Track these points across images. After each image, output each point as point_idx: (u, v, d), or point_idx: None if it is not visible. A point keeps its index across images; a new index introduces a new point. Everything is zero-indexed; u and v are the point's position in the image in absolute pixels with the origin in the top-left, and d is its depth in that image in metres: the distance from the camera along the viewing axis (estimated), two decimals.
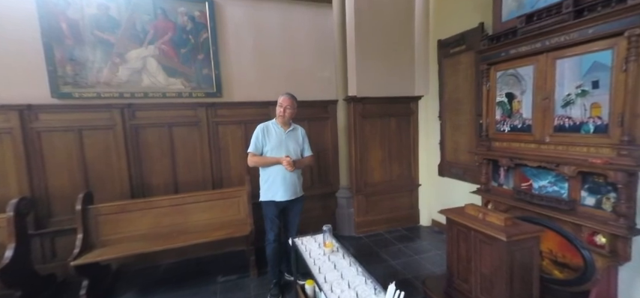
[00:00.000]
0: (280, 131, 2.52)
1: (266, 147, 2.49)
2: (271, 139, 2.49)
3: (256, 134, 2.50)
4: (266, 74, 3.45)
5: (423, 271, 2.90)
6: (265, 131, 2.51)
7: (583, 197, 1.98)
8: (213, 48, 3.18)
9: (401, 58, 3.70)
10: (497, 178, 2.61)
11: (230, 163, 3.38)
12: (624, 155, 1.69)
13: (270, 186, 2.49)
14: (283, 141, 2.50)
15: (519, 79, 2.27)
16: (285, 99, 2.49)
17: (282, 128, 2.53)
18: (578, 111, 1.91)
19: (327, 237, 2.05)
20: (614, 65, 1.70)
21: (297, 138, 2.61)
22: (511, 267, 1.91)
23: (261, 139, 2.49)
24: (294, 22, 3.52)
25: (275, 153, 2.46)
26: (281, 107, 2.48)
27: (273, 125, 2.55)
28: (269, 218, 2.55)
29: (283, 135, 2.52)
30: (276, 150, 2.46)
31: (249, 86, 3.40)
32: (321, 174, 3.77)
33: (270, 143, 2.48)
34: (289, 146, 2.51)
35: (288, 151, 2.48)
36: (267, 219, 2.57)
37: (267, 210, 2.55)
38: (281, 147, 2.47)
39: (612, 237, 1.79)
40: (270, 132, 2.51)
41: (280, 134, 2.52)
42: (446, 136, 3.58)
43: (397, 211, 3.96)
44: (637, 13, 1.56)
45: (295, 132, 2.61)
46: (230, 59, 3.31)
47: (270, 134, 2.51)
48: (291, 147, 2.52)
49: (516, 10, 2.23)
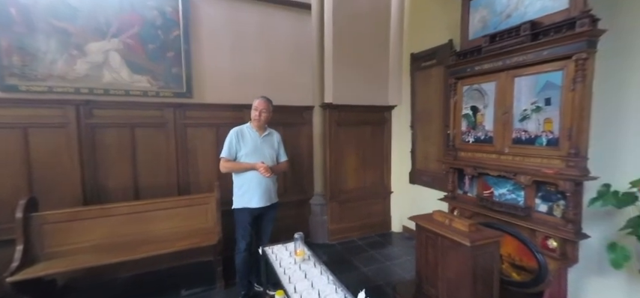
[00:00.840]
0: (255, 135, 2.45)
1: (240, 152, 2.40)
2: (246, 144, 2.41)
3: (230, 138, 2.40)
4: (242, 76, 3.37)
5: (394, 277, 2.95)
6: (239, 135, 2.42)
7: (537, 204, 2.15)
8: (185, 46, 3.03)
9: (376, 68, 3.81)
10: (462, 186, 2.75)
11: (199, 168, 3.22)
12: (572, 166, 1.86)
13: (245, 192, 2.40)
14: (258, 146, 2.43)
15: (483, 94, 2.43)
16: (261, 103, 2.43)
17: (257, 132, 2.47)
18: (533, 126, 2.08)
19: (298, 245, 2.02)
20: (564, 85, 1.88)
21: (273, 143, 2.55)
22: (474, 271, 2.01)
23: (235, 144, 2.40)
24: (273, 26, 3.49)
25: (250, 158, 2.38)
26: (256, 111, 2.41)
27: (248, 129, 2.47)
28: (242, 226, 2.45)
29: (258, 140, 2.45)
30: (252, 155, 2.39)
31: (224, 88, 3.28)
32: (296, 180, 3.72)
33: (244, 148, 2.40)
34: (265, 151, 2.45)
35: (263, 156, 2.41)
36: (239, 226, 2.47)
37: (241, 217, 2.45)
38: (256, 152, 2.40)
39: (562, 241, 1.96)
40: (244, 137, 2.43)
41: (255, 139, 2.45)
42: (417, 145, 3.73)
43: (370, 218, 4.03)
44: (583, 40, 1.74)
45: (271, 136, 2.55)
46: (203, 59, 3.19)
47: (244, 138, 2.43)
48: (266, 153, 2.45)
49: (481, 30, 2.40)
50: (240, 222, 2.45)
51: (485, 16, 2.36)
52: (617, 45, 1.91)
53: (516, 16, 2.14)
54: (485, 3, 2.35)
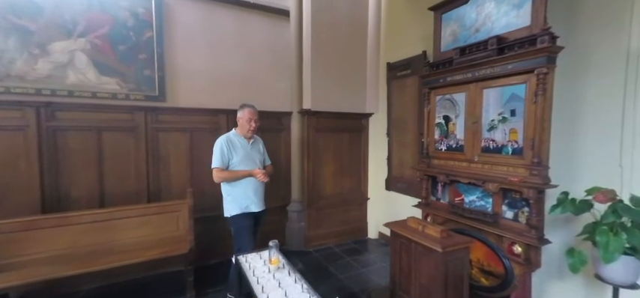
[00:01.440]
0: (244, 143, 2.46)
1: (233, 160, 2.38)
2: (237, 152, 2.40)
3: (221, 148, 2.35)
4: (218, 81, 3.30)
5: (369, 284, 2.97)
6: (229, 144, 2.39)
7: (504, 211, 2.23)
8: (158, 48, 2.94)
9: (354, 76, 3.86)
10: (435, 193, 2.82)
11: (171, 174, 3.11)
12: (535, 174, 1.95)
13: (244, 197, 2.39)
14: (249, 153, 2.46)
15: (454, 104, 2.52)
16: (254, 113, 2.45)
17: (245, 139, 2.47)
18: (500, 135, 2.17)
19: (273, 253, 1.98)
20: (527, 97, 1.98)
21: (259, 148, 2.60)
22: (446, 276, 2.05)
23: (227, 153, 2.37)
24: (251, 31, 3.45)
25: (243, 165, 2.39)
26: (251, 120, 2.42)
27: (236, 137, 2.45)
28: (246, 231, 2.41)
29: (248, 147, 2.47)
30: (245, 162, 2.40)
31: (198, 92, 3.21)
32: (273, 187, 3.66)
33: (236, 155, 2.38)
34: (255, 157, 2.49)
35: (254, 163, 2.45)
36: (243, 232, 2.41)
37: (244, 223, 2.41)
38: (248, 159, 2.42)
39: (527, 247, 2.04)
40: (234, 145, 2.41)
41: (245, 146, 2.45)
42: (393, 152, 3.80)
43: (347, 224, 4.04)
44: (544, 56, 1.84)
45: (257, 142, 2.59)
46: (177, 62, 3.10)
47: (234, 147, 2.41)
48: (256, 158, 2.50)
49: (452, 43, 2.49)
50: (244, 227, 2.40)
51: (456, 30, 2.46)
52: (574, 61, 2.05)
53: (484, 31, 2.23)
54: (456, 17, 2.45)
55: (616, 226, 1.51)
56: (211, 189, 3.29)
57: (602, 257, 1.49)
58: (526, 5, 1.96)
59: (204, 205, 3.26)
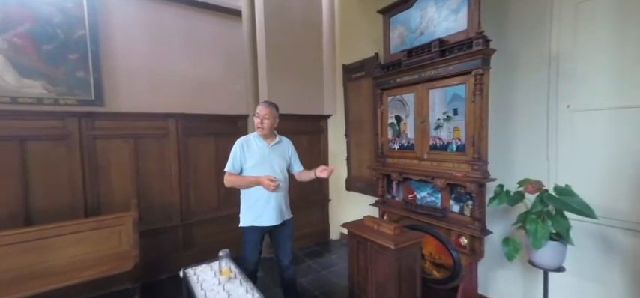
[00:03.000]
0: (263, 145, 2.18)
1: (247, 164, 2.13)
2: (253, 155, 2.14)
3: (234, 150, 2.14)
4: (165, 83, 3.09)
5: (329, 286, 2.95)
6: (245, 146, 2.15)
7: (451, 205, 2.34)
8: (92, 47, 2.68)
9: (311, 77, 3.85)
10: (391, 191, 2.89)
11: (113, 185, 2.84)
12: (476, 169, 2.07)
13: (252, 208, 2.14)
14: (266, 157, 2.16)
15: (404, 104, 2.60)
16: (263, 108, 2.15)
17: (265, 141, 2.20)
18: (445, 133, 2.28)
19: (223, 264, 1.88)
20: (467, 97, 2.10)
21: (283, 152, 2.28)
22: (399, 272, 2.10)
23: (240, 156, 2.13)
24: (200, 30, 3.29)
25: (257, 171, 2.10)
26: (258, 117, 2.14)
27: (255, 138, 2.20)
28: (249, 245, 2.19)
29: (266, 150, 2.18)
30: (259, 167, 2.12)
31: (143, 95, 2.98)
32: (229, 193, 3.52)
33: (251, 159, 2.13)
34: (273, 162, 2.17)
35: (272, 168, 2.14)
36: (246, 246, 2.20)
37: (249, 237, 2.19)
38: (264, 163, 2.13)
39: (471, 238, 2.16)
40: (250, 147, 2.16)
41: (263, 148, 2.18)
42: (352, 153, 3.85)
43: (309, 227, 4.00)
44: (479, 58, 1.96)
45: (281, 145, 2.28)
46: (117, 63, 2.85)
47: (250, 149, 2.16)
48: (275, 164, 2.18)
49: (400, 45, 2.58)
50: (248, 241, 2.19)
51: (403, 33, 2.54)
52: (505, 62, 2.21)
53: (428, 34, 2.34)
54: (403, 21, 2.54)
55: (543, 214, 1.64)
56: (160, 199, 3.09)
57: (531, 243, 1.61)
58: (462, 10, 2.07)
59: (152, 217, 3.04)
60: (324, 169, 2.19)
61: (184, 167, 3.20)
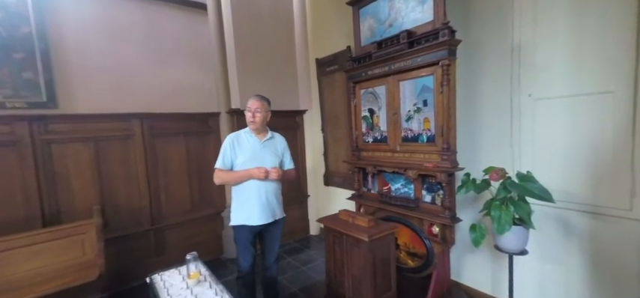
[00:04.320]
0: (254, 141, 2.13)
1: (237, 160, 2.07)
2: (243, 151, 2.08)
3: (224, 146, 2.08)
4: (127, 82, 2.92)
5: (309, 282, 2.94)
6: (235, 142, 2.09)
7: (423, 195, 2.38)
8: (41, 45, 2.47)
9: (284, 72, 3.77)
10: (366, 184, 2.90)
11: (73, 192, 2.66)
12: (445, 159, 2.10)
13: (243, 206, 2.07)
14: (258, 153, 2.10)
15: (376, 97, 2.60)
16: (254, 102, 2.09)
17: (257, 137, 2.14)
18: (416, 125, 2.30)
19: (191, 267, 1.81)
20: (435, 88, 2.12)
21: (276, 148, 2.23)
22: (374, 264, 2.11)
23: (230, 152, 2.07)
24: (163, 25, 3.12)
25: (249, 166, 2.05)
26: (249, 111, 2.07)
27: (246, 134, 2.14)
28: (242, 245, 2.12)
29: (258, 146, 2.12)
30: (250, 163, 2.06)
31: (103, 95, 2.79)
32: (204, 193, 3.42)
33: (242, 155, 2.07)
34: (265, 158, 2.11)
35: (263, 165, 2.07)
36: (239, 245, 2.13)
37: (240, 236, 2.11)
38: (255, 159, 2.07)
39: (442, 227, 2.20)
40: (241, 143, 2.10)
41: (254, 144, 2.12)
42: (329, 148, 3.83)
43: (289, 224, 3.91)
44: (445, 48, 1.98)
45: (273, 141, 2.23)
46: (70, 61, 2.64)
47: (241, 144, 2.10)
48: (267, 160, 2.11)
49: (370, 37, 2.56)
50: (240, 240, 2.12)
51: (373, 25, 2.53)
52: (470, 52, 2.25)
53: (396, 26, 2.33)
54: (372, 12, 2.51)
55: (506, 200, 1.69)
56: (128, 204, 2.94)
57: (496, 229, 1.65)
58: (428, 1, 2.08)
59: (119, 223, 2.90)
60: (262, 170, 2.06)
61: (153, 169, 3.05)
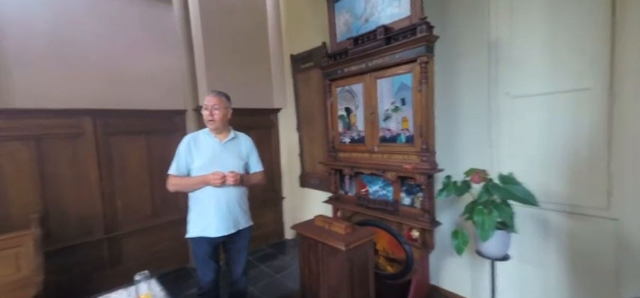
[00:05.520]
0: (214, 142, 1.89)
1: (194, 163, 1.84)
2: (201, 153, 1.85)
3: (179, 150, 1.85)
4: (76, 74, 2.59)
5: (283, 291, 2.76)
6: (191, 144, 1.86)
7: (403, 198, 2.28)
8: None
9: (257, 69, 3.56)
10: (343, 186, 2.77)
11: (9, 198, 2.31)
12: (424, 161, 2.01)
13: (200, 216, 1.84)
14: (218, 156, 1.87)
15: (353, 95, 2.48)
16: (211, 98, 1.86)
17: (217, 138, 1.90)
18: (394, 124, 2.20)
19: (142, 288, 1.57)
20: (413, 86, 2.02)
21: (239, 149, 1.99)
22: (351, 274, 1.97)
23: (185, 155, 1.83)
24: (120, 12, 2.81)
25: (207, 171, 1.80)
26: (206, 109, 1.84)
27: (205, 135, 1.91)
28: (200, 259, 1.90)
29: (218, 148, 1.89)
30: (209, 167, 1.81)
31: (46, 88, 2.46)
32: (167, 197, 3.12)
33: (199, 158, 1.83)
34: (227, 161, 1.87)
35: (224, 169, 1.82)
36: (197, 260, 1.92)
37: (198, 249, 1.89)
38: (215, 163, 1.83)
39: (422, 231, 2.11)
40: (199, 145, 1.87)
41: (214, 145, 1.88)
42: (304, 148, 3.66)
43: (262, 228, 3.74)
44: (423, 45, 1.89)
45: (236, 142, 1.99)
46: (6, 50, 2.29)
47: (199, 147, 1.86)
48: (229, 163, 1.87)
49: (346, 32, 2.43)
50: (198, 254, 1.89)
51: (349, 20, 2.40)
52: (448, 49, 2.19)
53: (373, 21, 2.22)
54: (348, 6, 2.39)
55: (489, 204, 1.62)
56: (77, 211, 2.62)
57: (480, 235, 1.57)
58: None
59: (66, 232, 2.57)
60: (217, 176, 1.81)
61: (107, 171, 2.73)
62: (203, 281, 1.94)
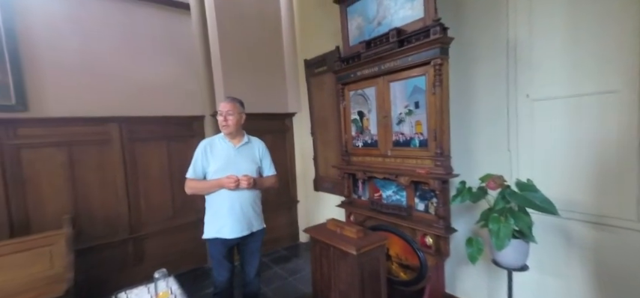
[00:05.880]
0: (228, 146, 1.97)
1: (210, 167, 1.92)
2: (217, 158, 1.93)
3: (196, 154, 1.94)
4: (103, 84, 2.75)
5: (294, 295, 2.79)
6: (208, 149, 1.94)
7: (416, 203, 2.24)
8: (9, 46, 2.30)
9: (272, 74, 3.63)
10: (357, 190, 2.76)
11: (44, 200, 2.49)
12: (439, 165, 1.97)
13: (215, 218, 1.92)
14: (232, 160, 1.94)
15: (366, 99, 2.47)
16: (225, 104, 1.94)
17: (231, 143, 1.98)
18: (407, 128, 2.17)
19: (159, 286, 1.65)
20: (427, 89, 1.99)
21: (253, 154, 2.05)
22: (362, 279, 1.96)
23: (202, 159, 1.92)
24: (142, 26, 2.95)
25: (222, 174, 1.88)
26: (221, 115, 1.92)
27: (220, 140, 1.99)
28: (215, 259, 1.99)
29: (232, 152, 1.96)
30: (224, 171, 1.88)
31: (77, 98, 2.62)
32: (186, 200, 3.23)
33: (215, 163, 1.91)
34: (240, 165, 1.93)
35: (237, 172, 1.89)
36: (213, 260, 2.02)
37: (213, 250, 1.98)
38: (229, 167, 1.90)
39: (436, 238, 2.06)
40: (214, 149, 1.95)
41: (228, 150, 1.96)
42: (318, 152, 3.68)
43: (276, 231, 3.80)
44: (437, 47, 1.85)
45: (250, 146, 2.06)
46: (42, 63, 2.47)
47: (214, 151, 1.95)
48: (242, 167, 1.93)
49: (359, 36, 2.43)
50: (214, 254, 1.98)
51: (361, 24, 2.40)
52: (464, 51, 2.12)
53: (385, 24, 2.20)
54: (360, 10, 2.39)
55: (505, 212, 1.55)
56: (104, 212, 2.78)
57: (494, 244, 1.51)
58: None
59: (95, 232, 2.74)
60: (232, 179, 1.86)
61: (132, 175, 2.89)
62: (218, 281, 2.01)
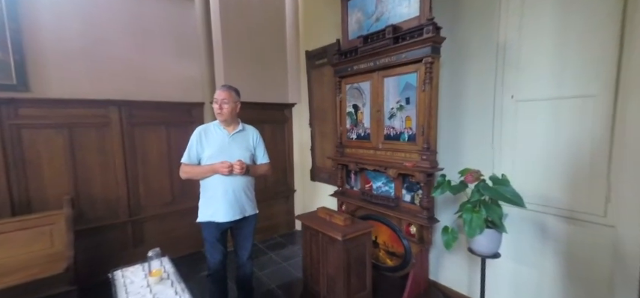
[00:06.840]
0: (223, 133, 2.03)
1: (204, 153, 1.98)
2: (211, 144, 1.99)
3: (191, 140, 2.00)
4: (104, 67, 2.80)
5: (287, 278, 2.91)
6: (203, 135, 2.01)
7: (404, 194, 2.34)
8: (11, 25, 2.35)
9: (273, 64, 3.69)
10: (349, 181, 2.86)
11: (44, 180, 2.57)
12: (425, 159, 2.06)
13: (209, 202, 2.00)
14: (226, 147, 2.00)
15: (361, 93, 2.55)
16: (221, 92, 1.99)
17: (226, 130, 2.05)
18: (398, 123, 2.25)
19: (153, 264, 1.76)
20: (418, 86, 2.07)
21: (247, 141, 2.11)
22: (348, 264, 2.07)
23: (196, 145, 1.98)
24: (145, 11, 2.99)
25: (216, 160, 1.95)
26: (216, 103, 1.97)
27: (215, 127, 2.05)
28: (209, 242, 2.06)
29: (226, 139, 2.03)
30: (217, 157, 1.95)
31: (78, 80, 2.68)
32: (186, 186, 3.34)
33: (209, 149, 1.98)
34: (234, 152, 2.00)
35: (231, 159, 1.95)
36: (206, 243, 2.09)
37: (207, 233, 2.06)
38: (223, 153, 1.97)
39: (420, 227, 2.17)
40: (209, 136, 2.01)
41: (222, 137, 2.02)
42: (316, 143, 3.77)
43: (274, 219, 3.92)
44: (429, 45, 1.92)
45: (244, 134, 2.11)
46: (44, 43, 2.52)
47: (209, 138, 2.01)
48: (235, 154, 1.99)
49: (358, 31, 2.49)
50: (207, 237, 2.06)
51: (360, 18, 2.46)
52: (457, 51, 2.20)
53: (383, 20, 2.27)
54: (360, 5, 2.45)
55: (479, 203, 1.66)
56: (104, 195, 2.87)
57: (466, 232, 1.62)
58: None
59: (95, 213, 2.83)
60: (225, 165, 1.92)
61: (131, 159, 2.97)
62: (211, 262, 2.10)
